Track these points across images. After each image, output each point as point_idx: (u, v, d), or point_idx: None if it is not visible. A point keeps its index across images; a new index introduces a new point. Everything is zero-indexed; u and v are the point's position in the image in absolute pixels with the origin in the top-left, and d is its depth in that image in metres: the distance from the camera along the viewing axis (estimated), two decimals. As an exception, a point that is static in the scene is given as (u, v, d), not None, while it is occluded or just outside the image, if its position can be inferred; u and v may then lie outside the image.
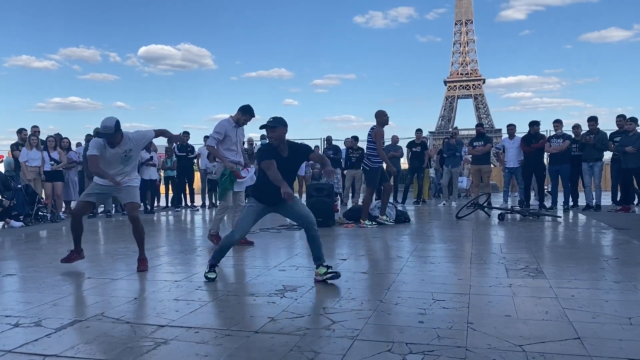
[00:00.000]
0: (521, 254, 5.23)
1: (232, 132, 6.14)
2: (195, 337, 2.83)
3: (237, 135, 6.20)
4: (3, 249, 6.61)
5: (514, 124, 11.46)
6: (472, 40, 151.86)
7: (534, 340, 2.65)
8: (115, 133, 4.58)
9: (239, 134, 6.26)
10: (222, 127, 6.07)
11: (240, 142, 6.36)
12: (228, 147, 6.13)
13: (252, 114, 6.19)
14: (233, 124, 6.14)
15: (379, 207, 8.54)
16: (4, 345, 2.76)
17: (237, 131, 6.20)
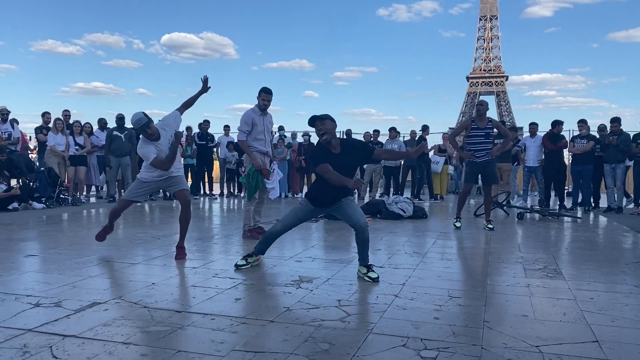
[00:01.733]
0: (539, 254, 5.18)
1: (259, 121, 5.94)
2: (212, 324, 2.86)
3: (264, 124, 5.99)
4: (25, 229, 6.73)
5: (537, 123, 11.30)
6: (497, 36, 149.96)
7: (551, 342, 2.62)
8: (149, 122, 4.58)
9: (266, 122, 6.04)
10: (248, 117, 5.92)
11: (269, 130, 6.12)
12: (255, 137, 5.95)
13: (267, 92, 5.93)
14: (258, 112, 5.96)
15: (396, 202, 8.51)
16: (24, 324, 2.82)
17: (264, 119, 6.00)
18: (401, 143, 12.94)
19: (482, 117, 7.09)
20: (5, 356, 2.36)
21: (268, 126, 6.08)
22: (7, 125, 10.43)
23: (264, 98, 5.91)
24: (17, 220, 7.66)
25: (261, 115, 5.96)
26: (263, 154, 6.03)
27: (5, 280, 3.87)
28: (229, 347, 2.51)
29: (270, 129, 6.18)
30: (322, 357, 2.39)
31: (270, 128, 6.18)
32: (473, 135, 7.10)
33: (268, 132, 6.10)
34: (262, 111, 5.98)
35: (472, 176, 7.32)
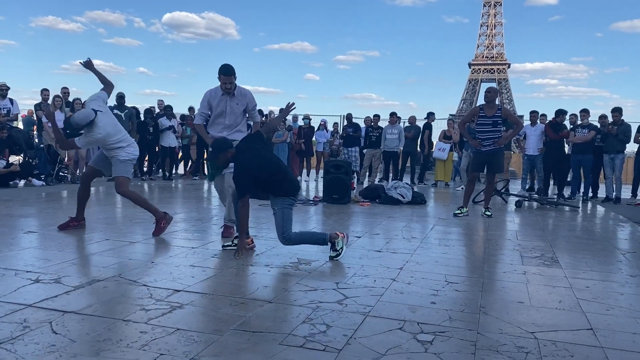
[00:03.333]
0: (537, 242, 5.20)
1: (219, 103, 4.98)
2: (210, 303, 2.88)
3: (227, 105, 4.97)
4: (25, 206, 6.74)
5: (537, 111, 11.29)
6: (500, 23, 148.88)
7: (547, 328, 2.65)
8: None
9: (230, 104, 4.97)
10: (204, 99, 5.10)
11: (234, 112, 5.01)
12: (213, 120, 5.10)
13: (225, 72, 4.87)
14: (220, 93, 4.98)
15: (395, 187, 8.52)
16: (24, 299, 2.84)
17: (228, 100, 4.96)
18: (401, 129, 12.92)
19: (491, 105, 6.97)
20: (6, 330, 2.38)
21: (234, 108, 5.00)
22: (6, 102, 10.38)
23: (223, 81, 4.90)
24: (17, 197, 7.66)
25: (223, 95, 4.96)
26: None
27: (5, 256, 3.88)
28: (227, 326, 2.53)
29: (240, 111, 5.04)
30: (319, 338, 2.41)
31: (237, 109, 5.02)
32: (481, 123, 7.01)
33: (232, 114, 5.01)
34: (225, 92, 4.97)
35: (478, 165, 7.18)
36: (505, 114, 7.08)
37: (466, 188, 7.38)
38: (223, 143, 4.20)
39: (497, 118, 6.90)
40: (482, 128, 7.01)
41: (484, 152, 7.00)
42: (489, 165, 7.12)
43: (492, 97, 7.01)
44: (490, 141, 6.93)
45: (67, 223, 5.03)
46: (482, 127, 7.00)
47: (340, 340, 2.40)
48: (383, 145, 12.55)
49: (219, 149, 4.14)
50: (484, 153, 7.01)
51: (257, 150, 4.10)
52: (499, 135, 6.95)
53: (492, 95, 7.04)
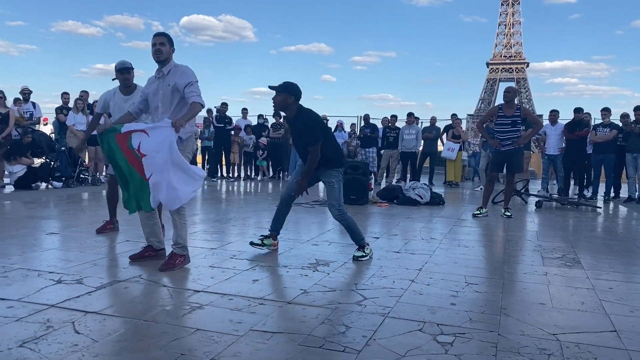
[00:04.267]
0: (558, 243, 5.14)
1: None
2: (230, 304, 2.90)
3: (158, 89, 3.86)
4: (47, 208, 6.85)
5: (557, 110, 11.12)
6: (518, 22, 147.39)
7: (569, 330, 2.61)
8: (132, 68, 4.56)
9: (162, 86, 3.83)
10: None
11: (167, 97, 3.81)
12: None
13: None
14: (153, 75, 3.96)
15: (413, 187, 8.48)
16: (47, 300, 2.88)
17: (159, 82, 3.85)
18: (418, 129, 12.86)
19: (510, 104, 6.89)
20: (30, 330, 2.42)
21: (165, 92, 3.83)
22: (29, 105, 10.56)
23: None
24: (39, 199, 7.79)
25: (157, 78, 3.89)
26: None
27: (28, 257, 3.95)
28: (247, 327, 2.54)
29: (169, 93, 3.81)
30: (338, 339, 2.41)
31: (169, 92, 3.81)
32: (500, 123, 6.92)
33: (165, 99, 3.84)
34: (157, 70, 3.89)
35: (497, 165, 7.12)
36: (525, 113, 7.03)
37: (485, 188, 7.32)
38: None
39: (516, 118, 6.83)
40: (501, 128, 6.94)
41: (503, 152, 6.93)
42: (508, 165, 7.05)
43: (511, 96, 6.95)
44: (510, 141, 6.86)
45: (104, 226, 5.08)
46: (501, 127, 6.94)
47: (359, 341, 2.39)
48: (400, 145, 12.50)
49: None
50: (503, 153, 6.94)
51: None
52: (518, 135, 6.89)
53: (512, 95, 6.97)
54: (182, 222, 3.74)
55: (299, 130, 4.15)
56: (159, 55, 3.81)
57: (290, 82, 4.15)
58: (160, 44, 3.82)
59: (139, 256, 3.93)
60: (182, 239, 3.73)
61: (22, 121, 10.08)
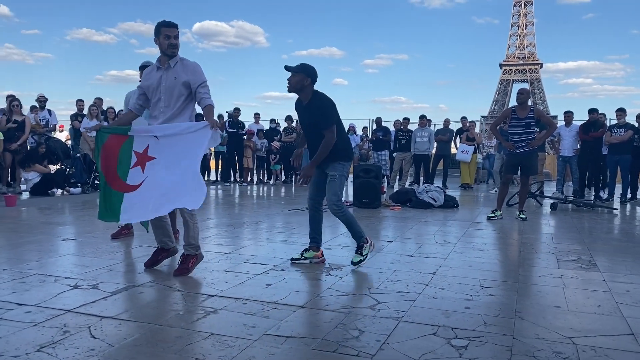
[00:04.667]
0: (573, 245, 5.08)
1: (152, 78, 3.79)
2: (244, 308, 2.91)
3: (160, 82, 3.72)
4: (63, 214, 6.93)
5: (572, 111, 11.02)
6: (531, 22, 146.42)
7: (585, 334, 2.59)
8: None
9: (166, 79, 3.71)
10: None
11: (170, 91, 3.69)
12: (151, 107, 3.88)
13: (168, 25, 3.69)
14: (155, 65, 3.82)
15: (426, 190, 8.45)
16: (64, 305, 2.91)
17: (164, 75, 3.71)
18: (431, 131, 12.83)
19: (523, 106, 6.83)
20: (47, 335, 2.45)
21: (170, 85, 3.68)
22: (44, 113, 10.70)
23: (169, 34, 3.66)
24: (54, 205, 7.88)
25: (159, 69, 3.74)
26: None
27: (45, 262, 4.00)
28: (261, 331, 2.55)
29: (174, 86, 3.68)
30: (352, 343, 2.41)
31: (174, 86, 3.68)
32: (513, 125, 6.88)
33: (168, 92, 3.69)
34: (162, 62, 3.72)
35: (512, 167, 7.07)
36: (538, 114, 6.98)
37: (500, 191, 7.27)
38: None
39: (529, 119, 6.79)
40: (514, 130, 6.89)
41: (517, 154, 6.89)
42: (522, 167, 6.99)
43: (524, 98, 6.89)
44: (524, 143, 6.82)
45: (119, 232, 5.11)
46: (514, 129, 6.89)
47: (373, 345, 2.39)
48: (413, 148, 12.47)
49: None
50: (517, 155, 6.90)
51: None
52: (532, 137, 6.83)
53: (525, 97, 6.92)
54: (194, 222, 3.75)
55: (312, 114, 3.95)
56: (175, 50, 3.66)
57: (307, 64, 4.00)
58: (176, 37, 3.66)
59: (152, 262, 3.88)
60: (194, 238, 3.74)
61: (38, 128, 10.23)
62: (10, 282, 3.39)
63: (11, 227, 5.75)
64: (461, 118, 13.47)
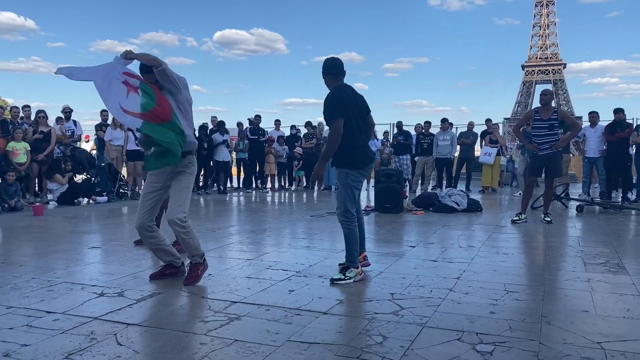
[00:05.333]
0: (601, 248, 4.99)
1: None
2: (267, 315, 2.92)
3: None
4: (88, 223, 7.05)
5: (597, 112, 10.83)
6: (553, 22, 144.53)
7: (614, 338, 2.53)
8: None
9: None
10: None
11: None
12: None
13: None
14: None
15: (449, 194, 8.38)
16: (91, 312, 2.96)
17: None
18: (453, 135, 12.72)
19: (547, 107, 6.71)
20: (75, 342, 2.49)
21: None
22: (70, 123, 10.91)
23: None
24: (81, 214, 8.03)
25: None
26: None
27: (72, 270, 4.07)
28: (284, 337, 2.55)
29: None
30: (376, 349, 2.40)
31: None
32: (536, 127, 6.77)
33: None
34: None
35: (536, 169, 6.95)
36: (562, 116, 6.86)
37: (524, 193, 7.17)
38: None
39: (553, 121, 6.67)
40: (538, 132, 6.79)
41: (541, 156, 6.79)
42: (546, 170, 6.87)
43: (547, 99, 6.77)
44: (547, 145, 6.72)
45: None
46: (538, 130, 6.78)
47: (397, 351, 2.38)
48: (435, 152, 12.39)
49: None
50: (541, 157, 6.79)
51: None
52: (555, 139, 6.72)
53: (548, 98, 6.79)
54: (189, 236, 3.63)
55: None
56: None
57: (326, 59, 3.92)
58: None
59: (159, 274, 3.81)
60: (196, 249, 3.68)
61: (64, 139, 10.43)
62: (38, 290, 3.46)
63: (39, 236, 5.87)
64: (486, 120, 13.33)
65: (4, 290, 3.47)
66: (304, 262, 4.36)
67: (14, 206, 8.40)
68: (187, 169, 3.68)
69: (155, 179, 3.68)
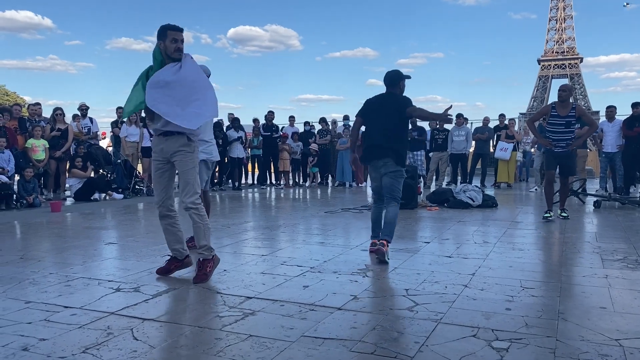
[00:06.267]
0: (619, 244, 4.92)
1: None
2: (281, 310, 2.93)
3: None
4: (105, 219, 7.12)
5: (614, 106, 10.68)
6: (570, 16, 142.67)
7: (633, 335, 2.50)
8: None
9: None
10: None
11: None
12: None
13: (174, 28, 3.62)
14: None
15: (464, 190, 8.33)
16: (107, 307, 2.99)
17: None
18: (468, 130, 12.64)
19: (565, 104, 6.44)
20: (92, 337, 2.52)
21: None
22: (86, 121, 11.02)
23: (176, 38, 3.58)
24: (97, 210, 8.11)
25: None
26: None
27: (88, 266, 4.12)
28: (299, 333, 2.56)
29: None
30: (390, 345, 2.39)
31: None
32: (553, 123, 6.53)
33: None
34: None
35: (552, 163, 6.64)
36: (580, 113, 6.52)
37: (545, 190, 6.85)
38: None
39: (570, 118, 6.41)
40: (554, 128, 6.54)
41: (555, 152, 6.56)
42: (561, 167, 6.65)
43: (566, 96, 6.45)
44: (563, 142, 6.49)
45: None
46: (554, 127, 6.54)
47: (412, 347, 2.37)
48: (450, 147, 12.31)
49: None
50: (555, 154, 6.57)
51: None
52: (572, 136, 6.50)
53: (567, 94, 6.47)
54: (204, 223, 3.63)
55: None
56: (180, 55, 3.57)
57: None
58: (182, 41, 3.59)
59: (165, 270, 3.79)
60: (206, 239, 3.64)
61: (81, 136, 10.55)
62: (56, 285, 3.50)
63: (56, 232, 5.95)
64: (499, 115, 13.23)
65: (22, 285, 3.52)
66: (318, 258, 4.36)
67: (32, 202, 8.52)
68: (185, 147, 3.58)
69: (156, 157, 3.70)
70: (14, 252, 4.71)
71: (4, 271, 3.93)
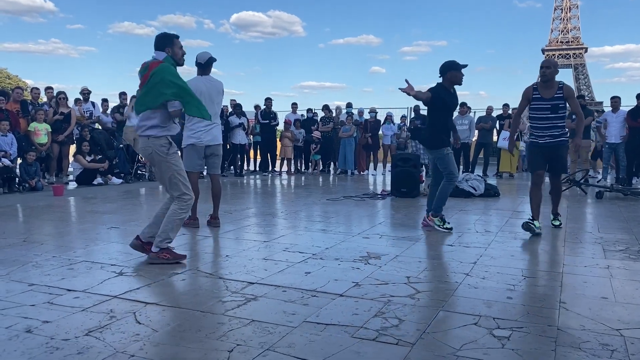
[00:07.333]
0: (621, 235, 4.92)
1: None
2: (283, 296, 2.94)
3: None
4: (107, 203, 7.13)
5: (619, 97, 10.64)
6: (575, 5, 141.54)
7: (634, 325, 2.51)
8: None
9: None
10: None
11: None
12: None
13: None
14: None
15: (466, 179, 8.32)
16: (110, 291, 3.00)
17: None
18: (471, 119, 12.59)
19: (549, 85, 5.02)
20: (95, 320, 2.54)
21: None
22: (88, 105, 11.00)
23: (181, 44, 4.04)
24: (100, 195, 8.12)
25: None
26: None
27: (91, 250, 4.13)
28: (301, 318, 2.57)
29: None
30: (392, 332, 2.40)
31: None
32: (536, 108, 5.08)
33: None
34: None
35: (537, 162, 5.15)
36: (568, 94, 5.00)
37: (531, 194, 5.23)
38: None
39: (557, 101, 4.97)
40: (538, 114, 5.07)
41: (541, 145, 5.10)
42: (550, 164, 5.17)
43: (551, 73, 5.00)
44: (550, 132, 5.04)
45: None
46: (537, 112, 5.07)
47: (413, 334, 2.38)
48: (453, 136, 12.27)
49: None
50: (542, 147, 5.10)
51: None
52: (560, 123, 5.05)
53: (552, 71, 5.01)
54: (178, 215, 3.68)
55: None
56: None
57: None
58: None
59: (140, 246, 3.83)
60: (168, 233, 3.66)
61: (83, 120, 10.53)
62: (59, 268, 3.52)
63: (59, 216, 5.96)
64: (503, 105, 13.18)
65: (25, 268, 3.54)
66: (320, 244, 4.37)
67: (34, 186, 8.53)
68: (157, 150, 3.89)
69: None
70: (16, 235, 4.73)
71: (7, 254, 3.95)
